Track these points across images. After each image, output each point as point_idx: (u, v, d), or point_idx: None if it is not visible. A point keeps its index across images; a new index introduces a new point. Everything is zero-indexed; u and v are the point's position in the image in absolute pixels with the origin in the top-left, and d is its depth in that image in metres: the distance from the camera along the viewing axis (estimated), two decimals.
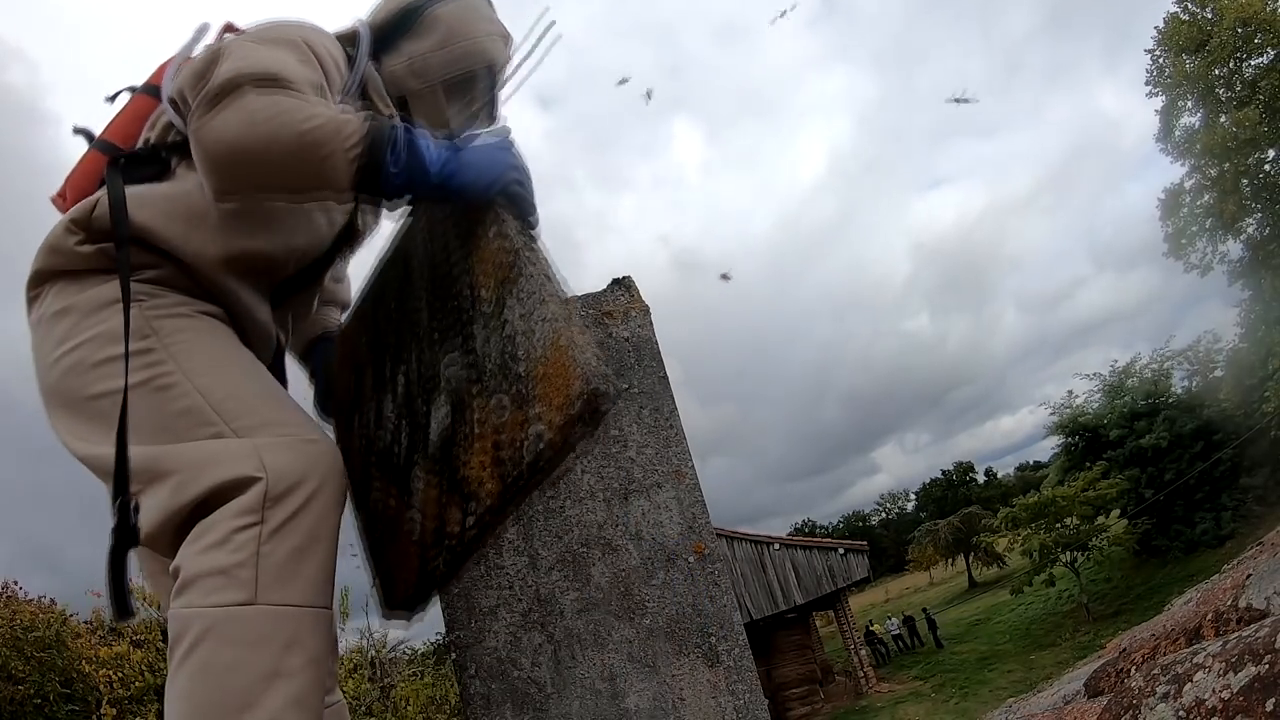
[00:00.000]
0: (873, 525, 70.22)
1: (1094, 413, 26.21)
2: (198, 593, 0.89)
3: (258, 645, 0.87)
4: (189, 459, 0.96)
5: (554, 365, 0.89)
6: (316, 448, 1.02)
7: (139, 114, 1.24)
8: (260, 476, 0.93)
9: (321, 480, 0.99)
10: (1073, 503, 22.36)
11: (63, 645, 5.76)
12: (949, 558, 38.83)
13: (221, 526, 0.91)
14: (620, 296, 1.51)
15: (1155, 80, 23.06)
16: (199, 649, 0.87)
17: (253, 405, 1.02)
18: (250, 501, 0.92)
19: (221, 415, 0.99)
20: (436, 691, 7.77)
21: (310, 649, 0.92)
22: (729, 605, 1.31)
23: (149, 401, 1.00)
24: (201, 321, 1.10)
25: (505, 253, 0.99)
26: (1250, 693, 1.26)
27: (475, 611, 1.30)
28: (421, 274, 1.17)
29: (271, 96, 0.97)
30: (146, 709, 5.08)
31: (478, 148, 1.04)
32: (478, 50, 1.36)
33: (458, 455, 1.05)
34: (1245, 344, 22.61)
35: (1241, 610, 1.94)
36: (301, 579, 0.93)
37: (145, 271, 1.09)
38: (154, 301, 1.07)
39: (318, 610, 0.95)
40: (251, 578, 0.89)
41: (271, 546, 0.91)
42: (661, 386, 1.43)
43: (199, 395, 1.00)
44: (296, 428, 1.04)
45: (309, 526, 0.95)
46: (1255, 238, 22.15)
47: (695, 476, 1.38)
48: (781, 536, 23.03)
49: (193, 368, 1.03)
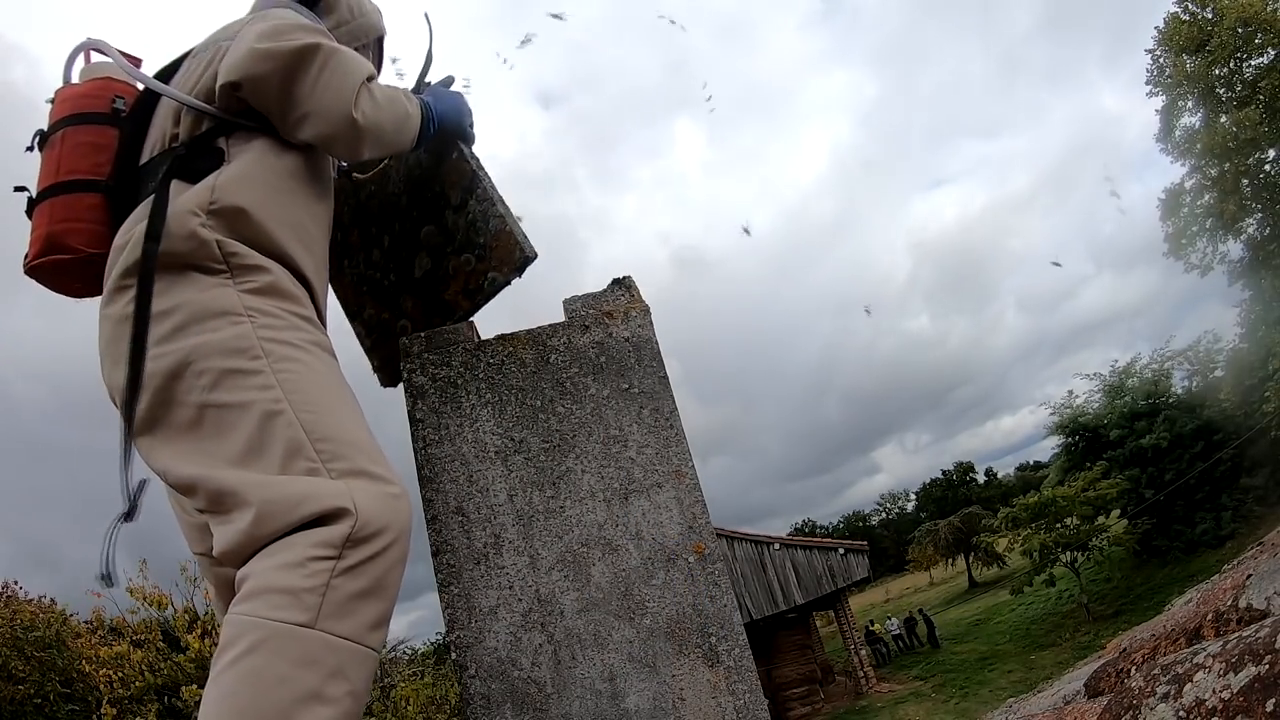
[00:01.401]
0: (873, 525, 70.12)
1: (1094, 413, 26.20)
2: (263, 604, 0.93)
3: (307, 666, 0.91)
4: (283, 493, 0.99)
5: (503, 239, 1.44)
6: (400, 503, 1.07)
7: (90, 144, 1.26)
8: (352, 515, 0.99)
9: (399, 534, 1.04)
10: (1073, 503, 22.36)
11: (63, 645, 5.76)
12: (949, 558, 38.81)
13: (299, 550, 0.95)
14: (620, 296, 1.51)
15: (1155, 80, 23.03)
16: (252, 656, 0.90)
17: (349, 450, 1.06)
18: (334, 536, 0.97)
19: (320, 454, 1.03)
20: (436, 691, 7.76)
21: (353, 682, 0.96)
22: (729, 605, 1.31)
23: (249, 425, 1.03)
24: (312, 354, 1.14)
25: (465, 169, 1.50)
26: (1250, 693, 1.26)
27: (475, 611, 1.30)
28: (399, 175, 1.64)
29: (382, 89, 1.31)
30: (146, 709, 5.07)
31: (444, 95, 1.47)
32: (370, 24, 1.61)
33: (437, 287, 1.56)
34: (1245, 344, 22.59)
35: (1242, 610, 1.93)
36: (359, 618, 0.97)
37: (251, 279, 1.13)
38: (265, 320, 1.11)
39: (366, 650, 0.98)
40: (317, 604, 0.93)
41: (342, 581, 0.96)
42: (661, 386, 1.43)
43: (301, 430, 1.03)
44: (386, 479, 1.07)
45: (378, 574, 1.00)
46: (1255, 238, 22.13)
47: (695, 476, 1.38)
48: (782, 536, 23.00)
49: (299, 400, 1.05)
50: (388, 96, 1.31)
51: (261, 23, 1.26)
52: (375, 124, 1.28)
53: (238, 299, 1.10)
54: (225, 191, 1.16)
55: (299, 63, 1.21)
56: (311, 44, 1.22)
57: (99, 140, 1.26)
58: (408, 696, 7.06)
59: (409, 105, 1.35)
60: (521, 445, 1.38)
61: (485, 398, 1.41)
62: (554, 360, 1.43)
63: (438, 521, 1.34)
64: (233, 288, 1.11)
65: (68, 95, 1.30)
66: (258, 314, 1.10)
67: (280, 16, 1.30)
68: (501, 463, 1.37)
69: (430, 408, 1.41)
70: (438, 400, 1.41)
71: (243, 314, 1.09)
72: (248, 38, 1.23)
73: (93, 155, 1.25)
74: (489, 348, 1.44)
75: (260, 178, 1.22)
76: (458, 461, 1.37)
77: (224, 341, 1.06)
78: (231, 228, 1.15)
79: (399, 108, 1.33)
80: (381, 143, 1.31)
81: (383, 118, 1.29)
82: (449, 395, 1.41)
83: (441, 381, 1.43)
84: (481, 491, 1.36)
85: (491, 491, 1.36)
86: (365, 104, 1.26)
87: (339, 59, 1.25)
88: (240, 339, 1.06)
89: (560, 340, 1.45)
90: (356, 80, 1.25)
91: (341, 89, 1.23)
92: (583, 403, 1.41)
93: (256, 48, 1.21)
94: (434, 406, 1.41)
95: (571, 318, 1.48)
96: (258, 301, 1.11)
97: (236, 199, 1.16)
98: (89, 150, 1.25)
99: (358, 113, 1.24)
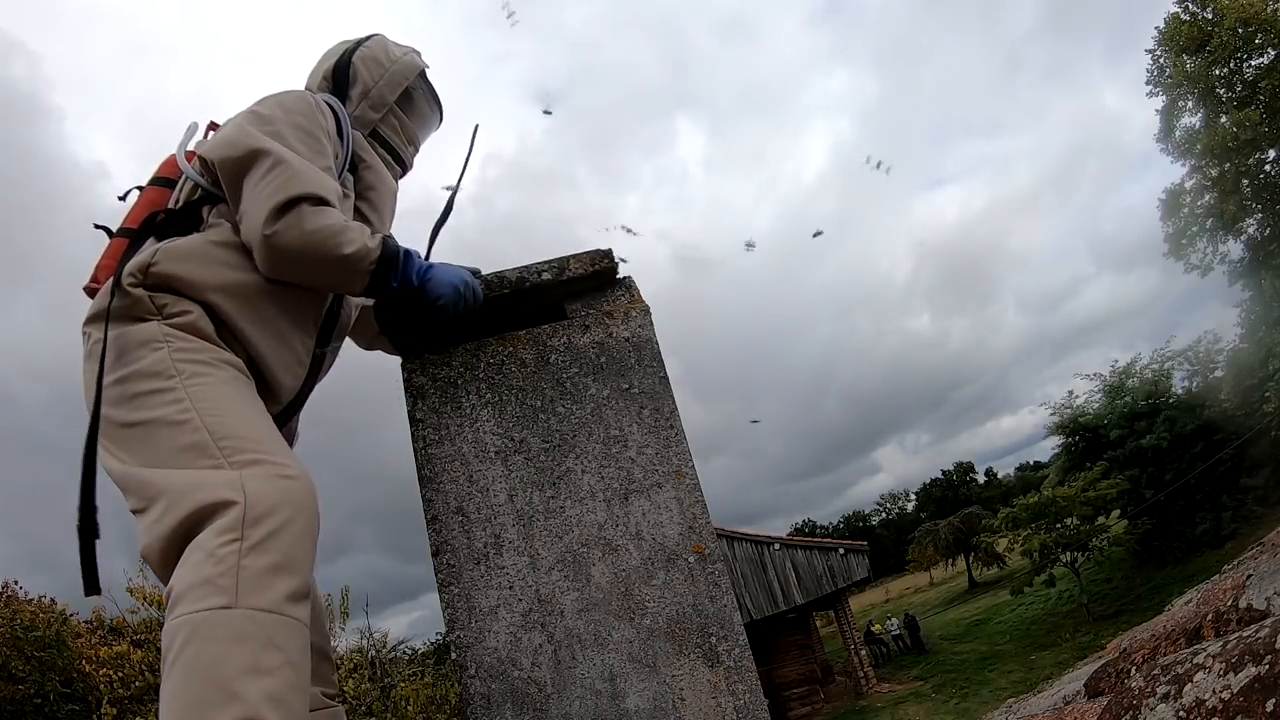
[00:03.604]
0: (873, 525, 70.04)
1: (1094, 413, 26.17)
2: (185, 603, 0.99)
3: (238, 643, 0.96)
4: (182, 483, 1.09)
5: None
6: (294, 483, 1.13)
7: (153, 203, 1.43)
8: (238, 500, 1.06)
9: (296, 510, 1.10)
10: (1073, 503, 22.32)
11: (63, 645, 5.76)
12: (949, 558, 38.79)
13: (206, 545, 1.03)
14: (620, 296, 1.51)
15: (1156, 80, 23.01)
16: (185, 651, 0.96)
17: (248, 444, 1.15)
18: (230, 521, 1.04)
19: (221, 450, 1.13)
20: (436, 691, 7.76)
21: (287, 651, 1.00)
22: (729, 605, 1.31)
23: (164, 433, 1.15)
24: (221, 370, 1.24)
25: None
26: (1250, 693, 1.26)
27: (475, 611, 1.30)
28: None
29: (320, 217, 1.27)
30: (146, 709, 5.07)
31: (444, 267, 1.38)
32: (404, 68, 1.65)
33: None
34: (1245, 344, 22.57)
35: (1242, 611, 1.93)
36: (277, 590, 1.03)
37: (176, 317, 1.25)
38: (180, 344, 1.23)
39: (291, 619, 1.03)
40: (232, 584, 0.99)
41: (250, 560, 1.02)
42: (662, 386, 1.43)
43: (205, 432, 1.14)
44: (281, 464, 1.15)
45: (284, 547, 1.06)
46: (1256, 238, 22.11)
47: (695, 476, 1.38)
48: (782, 536, 22.99)
49: (205, 408, 1.17)
50: (324, 228, 1.26)
51: (256, 107, 1.40)
52: (288, 247, 1.25)
53: (159, 329, 1.23)
54: (164, 258, 1.27)
55: (250, 160, 1.29)
56: (261, 148, 1.29)
57: (158, 199, 1.43)
58: (408, 696, 7.06)
59: (350, 248, 1.27)
60: (522, 445, 1.38)
61: (485, 398, 1.41)
62: (554, 360, 1.43)
63: (438, 521, 1.34)
64: (157, 323, 1.24)
65: (166, 163, 1.49)
66: (174, 338, 1.23)
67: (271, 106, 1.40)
68: (502, 463, 1.37)
69: (430, 408, 1.41)
70: (438, 400, 1.41)
71: (161, 340, 1.22)
72: (236, 119, 1.37)
73: (146, 210, 1.41)
74: (489, 348, 1.44)
75: (204, 253, 1.30)
76: (458, 461, 1.37)
77: (145, 367, 1.20)
78: (162, 287, 1.27)
79: (330, 243, 1.26)
80: (297, 270, 1.29)
81: (302, 244, 1.25)
82: (449, 395, 1.41)
83: (441, 381, 1.43)
84: (482, 491, 1.36)
85: (492, 491, 1.36)
86: (286, 223, 1.25)
87: (280, 170, 1.27)
88: (158, 363, 1.20)
89: (560, 340, 1.45)
90: (284, 195, 1.25)
91: (265, 200, 1.25)
92: (583, 403, 1.41)
93: (228, 134, 1.34)
94: (434, 406, 1.41)
95: (571, 318, 1.48)
96: (175, 332, 1.24)
97: (171, 268, 1.27)
98: (146, 206, 1.42)
99: (269, 229, 1.25)
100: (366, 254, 1.30)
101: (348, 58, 1.61)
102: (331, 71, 1.60)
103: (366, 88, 1.60)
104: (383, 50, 1.64)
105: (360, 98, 1.60)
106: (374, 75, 1.61)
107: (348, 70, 1.60)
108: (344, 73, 1.60)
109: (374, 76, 1.61)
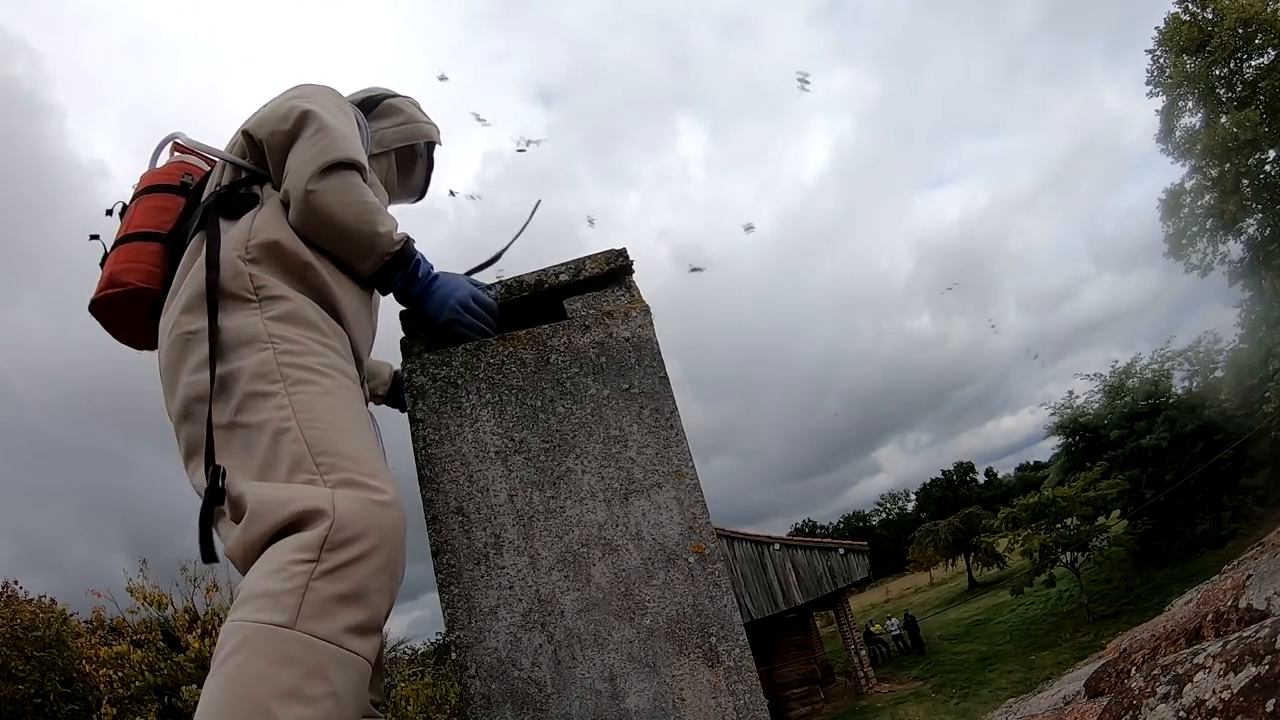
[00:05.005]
0: (873, 525, 70.05)
1: (1094, 413, 26.20)
2: (247, 609, 0.98)
3: (284, 664, 0.94)
4: (274, 495, 1.07)
5: None
6: (387, 511, 1.11)
7: (162, 208, 1.43)
8: (328, 517, 1.04)
9: (381, 541, 1.08)
10: (1073, 503, 22.33)
11: (63, 645, 5.76)
12: (949, 558, 38.81)
13: (280, 557, 1.01)
14: (620, 296, 1.51)
15: (1156, 80, 23.03)
16: (235, 656, 0.95)
17: (346, 463, 1.13)
18: (311, 540, 1.02)
19: (319, 466, 1.11)
20: (436, 691, 7.76)
21: (334, 684, 0.97)
22: (729, 605, 1.31)
23: (263, 440, 1.13)
24: (327, 377, 1.22)
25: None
26: (1250, 693, 1.26)
27: (475, 611, 1.30)
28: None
29: (362, 190, 1.33)
30: (146, 709, 5.07)
31: (447, 284, 1.42)
32: (422, 130, 1.74)
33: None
34: (1246, 344, 22.59)
35: (1242, 611, 1.93)
36: (340, 620, 1.00)
37: (275, 307, 1.24)
38: (286, 346, 1.21)
39: (347, 653, 1.00)
40: (296, 604, 0.97)
41: (321, 584, 1.00)
42: (662, 386, 1.43)
43: (305, 445, 1.12)
44: (376, 488, 1.12)
45: (359, 578, 1.04)
46: (1256, 238, 22.14)
47: (695, 476, 1.38)
48: (782, 536, 22.98)
49: (306, 419, 1.15)
50: (365, 200, 1.32)
51: (292, 90, 1.43)
52: (327, 208, 1.29)
53: (263, 327, 1.21)
54: (260, 228, 1.30)
55: (299, 126, 1.33)
56: (310, 110, 1.33)
57: (167, 204, 1.43)
58: (408, 696, 7.07)
59: (383, 227, 1.34)
60: (522, 445, 1.38)
61: (485, 398, 1.41)
62: (554, 360, 1.43)
63: (438, 521, 1.35)
64: (259, 316, 1.22)
65: (148, 175, 1.50)
66: (280, 340, 1.21)
67: (308, 89, 1.43)
68: (501, 463, 1.37)
69: (430, 408, 1.41)
70: (438, 400, 1.41)
71: (267, 341, 1.20)
72: (274, 101, 1.40)
73: (160, 215, 1.41)
74: (489, 348, 1.44)
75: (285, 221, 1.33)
76: (458, 461, 1.37)
77: (250, 368, 1.17)
78: (266, 259, 1.28)
79: (367, 216, 1.32)
80: (324, 232, 1.32)
81: (342, 208, 1.30)
82: (449, 395, 1.41)
83: (441, 381, 1.43)
84: (481, 491, 1.36)
85: (492, 491, 1.36)
86: (329, 184, 1.29)
87: (327, 133, 1.32)
88: (263, 365, 1.17)
89: (560, 340, 1.45)
90: (331, 157, 1.29)
91: (313, 158, 1.29)
92: (583, 403, 1.41)
93: (274, 109, 1.36)
94: (434, 406, 1.41)
95: (571, 318, 1.48)
96: (280, 329, 1.22)
97: (271, 234, 1.29)
98: (157, 210, 1.42)
99: (314, 185, 1.29)
100: (392, 241, 1.36)
101: (382, 97, 1.71)
102: (363, 98, 1.68)
103: (382, 125, 1.68)
104: (412, 106, 1.75)
105: (374, 129, 1.66)
106: (394, 119, 1.70)
107: (378, 104, 1.69)
108: (374, 103, 1.69)
109: (394, 120, 1.70)
